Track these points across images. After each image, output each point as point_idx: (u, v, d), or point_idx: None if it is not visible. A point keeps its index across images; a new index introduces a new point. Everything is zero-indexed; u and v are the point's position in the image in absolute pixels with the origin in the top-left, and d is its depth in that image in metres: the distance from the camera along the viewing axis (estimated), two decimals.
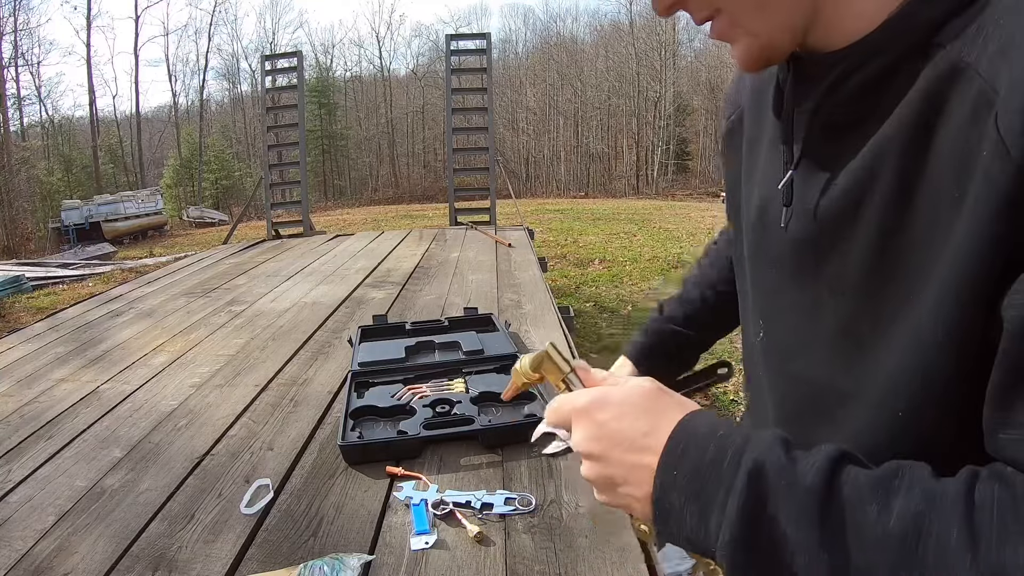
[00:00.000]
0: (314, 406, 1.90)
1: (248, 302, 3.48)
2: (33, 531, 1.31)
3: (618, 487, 0.52)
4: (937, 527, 0.39)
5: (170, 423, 1.84)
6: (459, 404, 1.66)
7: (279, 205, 7.66)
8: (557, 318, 2.68)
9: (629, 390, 0.53)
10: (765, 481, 0.44)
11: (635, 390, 0.53)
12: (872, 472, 0.43)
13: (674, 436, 0.49)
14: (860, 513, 0.41)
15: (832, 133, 0.55)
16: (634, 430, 0.50)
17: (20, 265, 11.81)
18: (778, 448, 0.46)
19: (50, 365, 2.53)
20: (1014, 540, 0.37)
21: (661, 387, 0.54)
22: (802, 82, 0.57)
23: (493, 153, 7.11)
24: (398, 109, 40.48)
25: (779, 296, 0.64)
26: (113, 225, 20.07)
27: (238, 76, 39.99)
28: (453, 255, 4.65)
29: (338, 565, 1.08)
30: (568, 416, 0.55)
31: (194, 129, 36.24)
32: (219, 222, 24.61)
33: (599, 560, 1.09)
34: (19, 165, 22.94)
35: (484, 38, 7.52)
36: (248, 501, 1.35)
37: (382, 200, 33.52)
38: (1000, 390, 0.43)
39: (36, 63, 31.83)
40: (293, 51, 9.26)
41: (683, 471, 0.47)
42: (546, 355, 0.62)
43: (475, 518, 1.22)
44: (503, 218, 6.92)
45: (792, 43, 0.54)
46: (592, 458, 0.53)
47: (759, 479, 0.44)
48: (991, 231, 0.42)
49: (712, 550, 0.46)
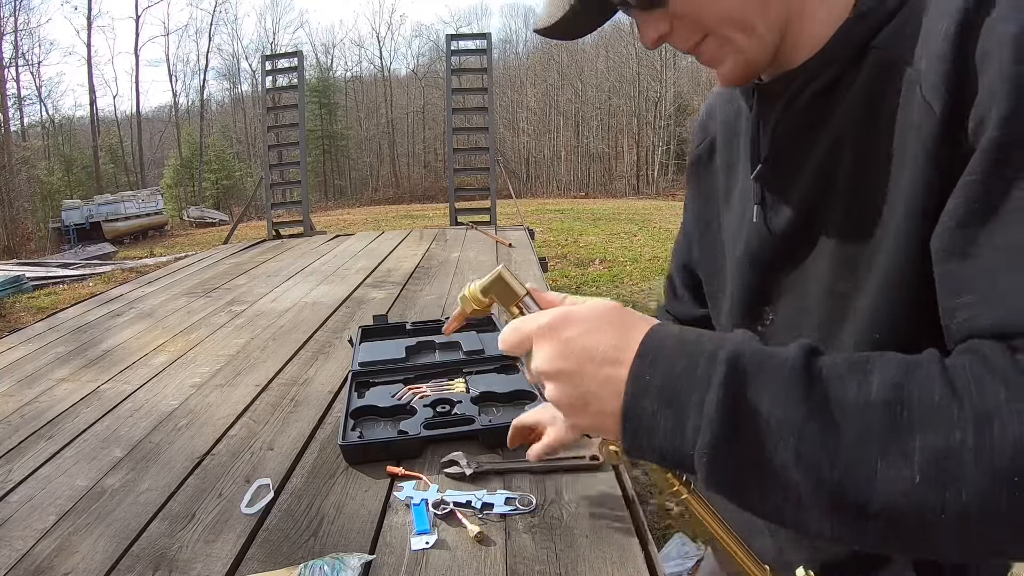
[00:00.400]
0: (314, 406, 1.90)
1: (248, 302, 3.48)
2: (34, 531, 1.31)
3: (589, 406, 0.49)
4: (918, 390, 0.41)
5: (171, 423, 1.84)
6: (459, 404, 1.66)
7: (279, 205, 7.67)
8: None
9: (592, 306, 0.53)
10: (744, 368, 0.44)
11: (599, 306, 0.52)
12: (846, 356, 0.45)
13: (645, 343, 0.48)
14: (842, 389, 0.42)
15: (794, 137, 0.65)
16: (604, 343, 0.49)
17: (20, 265, 11.82)
18: (753, 341, 0.47)
19: (50, 365, 2.53)
20: (994, 387, 0.40)
21: (623, 306, 0.53)
22: (765, 102, 0.67)
23: (493, 153, 7.12)
24: (398, 109, 40.50)
25: (776, 282, 0.71)
26: (113, 225, 20.07)
27: (238, 76, 40.06)
28: (453, 255, 4.65)
29: (338, 565, 1.08)
30: (529, 336, 0.53)
31: (194, 129, 36.27)
32: (219, 222, 24.62)
33: (600, 560, 1.09)
34: (20, 165, 22.95)
35: (485, 38, 7.52)
36: (248, 501, 1.35)
37: (382, 200, 33.54)
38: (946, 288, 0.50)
39: (37, 63, 31.87)
40: (294, 51, 9.26)
41: (656, 375, 0.46)
42: (499, 277, 0.60)
43: (475, 518, 1.22)
44: (503, 218, 6.92)
45: (768, 59, 0.63)
46: (561, 378, 0.50)
47: (737, 368, 0.44)
48: (927, 177, 0.52)
49: (688, 455, 0.45)
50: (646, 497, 2.81)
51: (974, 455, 0.38)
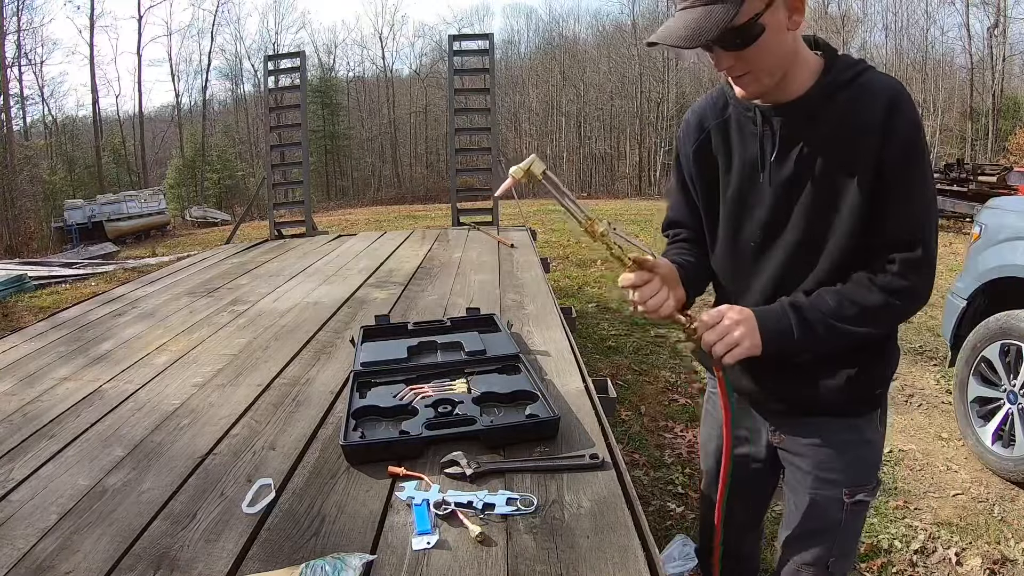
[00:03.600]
0: (316, 406, 1.90)
1: (251, 302, 3.48)
2: (35, 530, 1.31)
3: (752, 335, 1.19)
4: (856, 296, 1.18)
5: (172, 422, 1.84)
6: (461, 404, 1.66)
7: (282, 205, 7.66)
8: (559, 319, 2.68)
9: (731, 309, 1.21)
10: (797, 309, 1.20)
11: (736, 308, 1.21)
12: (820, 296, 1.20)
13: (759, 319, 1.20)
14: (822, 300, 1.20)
15: (789, 141, 1.20)
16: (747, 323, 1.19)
17: (23, 264, 11.83)
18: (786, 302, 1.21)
19: (52, 364, 2.53)
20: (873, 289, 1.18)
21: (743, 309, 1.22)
22: (768, 120, 1.21)
23: (496, 154, 7.11)
24: (401, 109, 40.48)
25: (764, 223, 1.26)
26: (116, 225, 20.05)
27: (241, 76, 39.99)
28: (455, 255, 4.65)
29: (340, 565, 1.08)
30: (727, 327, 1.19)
31: (197, 129, 36.26)
32: (222, 222, 24.61)
33: (601, 561, 1.09)
34: (22, 164, 22.98)
35: (487, 39, 7.51)
36: (250, 500, 1.35)
37: (385, 200, 33.51)
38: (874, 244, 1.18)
39: (40, 63, 31.84)
40: (296, 51, 9.27)
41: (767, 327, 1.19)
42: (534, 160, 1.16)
43: (477, 518, 1.22)
44: (506, 219, 6.91)
45: (770, 91, 1.17)
46: (744, 337, 1.18)
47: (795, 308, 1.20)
48: (869, 173, 1.14)
49: (791, 338, 1.18)
50: (647, 498, 2.81)
51: (868, 313, 1.18)
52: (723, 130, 1.29)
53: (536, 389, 1.71)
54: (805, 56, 1.17)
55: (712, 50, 1.11)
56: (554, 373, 2.02)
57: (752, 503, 1.60)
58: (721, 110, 1.30)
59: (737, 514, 1.53)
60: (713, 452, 1.55)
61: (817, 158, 1.17)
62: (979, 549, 2.48)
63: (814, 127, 1.17)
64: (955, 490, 2.91)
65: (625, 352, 4.83)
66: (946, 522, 2.66)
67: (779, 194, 1.22)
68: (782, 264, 1.25)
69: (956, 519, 2.68)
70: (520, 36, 43.34)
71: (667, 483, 2.96)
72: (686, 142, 1.36)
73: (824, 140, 1.16)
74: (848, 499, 1.34)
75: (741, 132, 1.26)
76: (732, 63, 1.11)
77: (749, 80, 1.14)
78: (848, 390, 1.28)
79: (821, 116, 1.16)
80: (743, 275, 1.32)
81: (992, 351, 2.99)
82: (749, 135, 1.24)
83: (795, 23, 1.11)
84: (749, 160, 1.25)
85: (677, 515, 2.70)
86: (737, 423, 1.43)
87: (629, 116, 36.31)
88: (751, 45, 1.07)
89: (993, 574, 2.36)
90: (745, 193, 1.27)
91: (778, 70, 1.13)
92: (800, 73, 1.16)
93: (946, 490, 2.91)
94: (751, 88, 1.16)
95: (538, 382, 1.76)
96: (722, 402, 1.32)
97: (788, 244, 1.24)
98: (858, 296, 1.17)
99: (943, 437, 3.40)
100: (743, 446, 1.48)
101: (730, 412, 1.32)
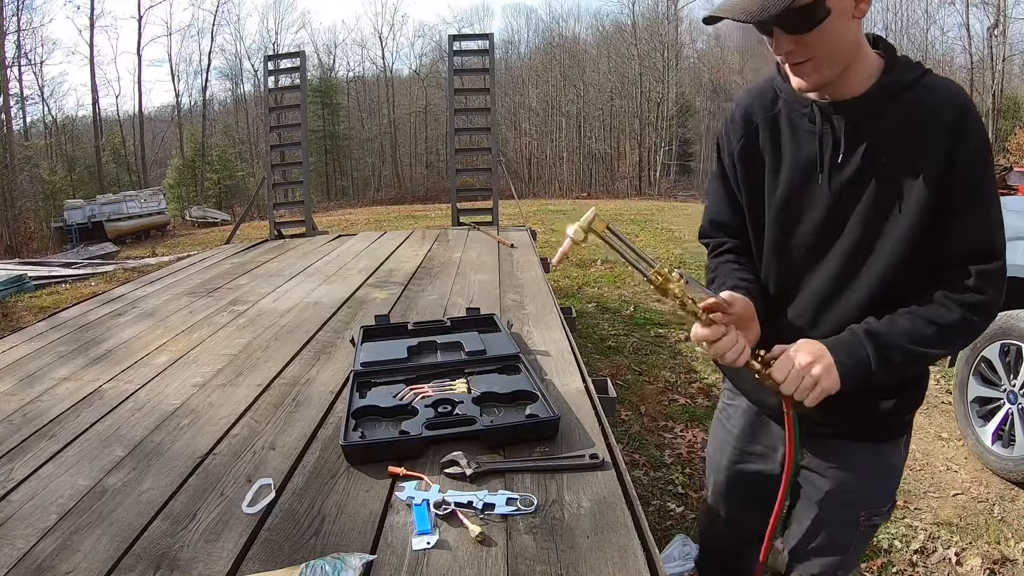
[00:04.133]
0: (316, 406, 1.90)
1: (251, 302, 3.48)
2: (35, 530, 1.31)
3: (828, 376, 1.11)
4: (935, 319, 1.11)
5: (172, 422, 1.84)
6: (461, 404, 1.66)
7: (282, 205, 7.66)
8: (559, 319, 2.68)
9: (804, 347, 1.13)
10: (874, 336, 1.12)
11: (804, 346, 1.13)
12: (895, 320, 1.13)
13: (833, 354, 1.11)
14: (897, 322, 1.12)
15: (852, 138, 1.12)
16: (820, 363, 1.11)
17: (23, 264, 11.82)
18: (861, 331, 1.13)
19: (52, 364, 2.53)
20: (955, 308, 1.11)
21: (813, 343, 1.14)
22: (827, 118, 1.14)
23: (496, 154, 7.11)
24: (401, 109, 40.45)
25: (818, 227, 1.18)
26: (116, 225, 20.03)
27: (241, 76, 39.95)
28: (455, 255, 4.65)
29: (340, 565, 1.08)
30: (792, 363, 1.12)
31: (197, 129, 36.24)
32: (221, 222, 24.61)
33: (601, 561, 1.09)
34: (22, 164, 22.97)
35: (487, 39, 7.50)
36: (250, 500, 1.35)
37: (384, 200, 33.49)
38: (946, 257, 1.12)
39: (39, 63, 31.80)
40: (296, 51, 9.26)
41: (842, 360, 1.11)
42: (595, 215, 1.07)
43: (477, 518, 1.22)
44: (505, 219, 6.91)
45: (831, 83, 1.09)
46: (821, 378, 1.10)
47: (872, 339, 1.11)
48: (934, 181, 1.07)
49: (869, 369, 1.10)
50: (647, 498, 2.81)
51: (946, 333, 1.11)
52: (772, 126, 1.21)
53: (536, 389, 1.71)
54: (866, 52, 1.11)
55: (771, 32, 1.04)
56: (554, 373, 2.02)
57: (759, 519, 1.56)
58: (770, 104, 1.21)
59: (742, 530, 1.51)
60: (726, 467, 1.50)
61: (881, 159, 1.10)
62: (979, 549, 2.48)
63: (878, 127, 1.10)
64: (955, 490, 2.91)
65: (625, 352, 4.83)
66: (946, 522, 2.66)
67: (838, 197, 1.15)
68: (835, 271, 1.18)
69: (956, 519, 2.68)
70: (520, 36, 43.32)
71: (667, 483, 2.96)
72: (731, 138, 1.27)
73: (889, 141, 1.10)
74: (864, 521, 1.31)
75: (793, 129, 1.18)
76: (792, 47, 1.04)
77: (809, 69, 1.06)
78: (880, 415, 1.24)
79: (885, 116, 1.10)
80: (791, 283, 1.25)
81: (992, 351, 2.99)
82: (804, 132, 1.17)
83: (861, 11, 1.05)
84: (804, 160, 1.17)
85: (677, 515, 2.70)
86: (755, 439, 1.41)
87: (629, 116, 36.30)
88: (815, 28, 1.01)
89: (993, 574, 2.36)
90: (797, 195, 1.19)
91: (840, 61, 1.06)
92: (860, 69, 1.09)
93: (946, 490, 2.91)
94: (810, 79, 1.08)
95: (538, 382, 1.76)
96: (787, 441, 1.23)
97: (843, 250, 1.16)
98: (935, 315, 1.10)
99: (943, 437, 3.40)
100: (757, 462, 1.43)
101: (794, 455, 1.24)
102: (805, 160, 1.17)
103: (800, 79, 1.09)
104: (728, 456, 1.48)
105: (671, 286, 1.06)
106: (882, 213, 1.12)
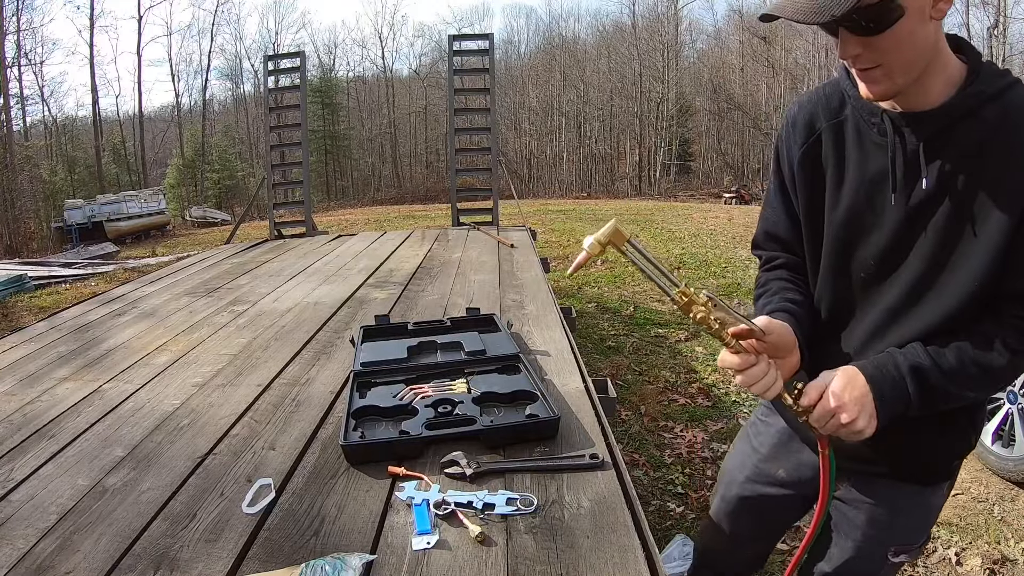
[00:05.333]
0: (316, 406, 1.90)
1: (251, 302, 3.48)
2: (35, 530, 1.31)
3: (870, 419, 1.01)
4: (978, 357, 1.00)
5: (172, 422, 1.84)
6: (461, 404, 1.66)
7: (282, 205, 7.66)
8: (559, 319, 2.68)
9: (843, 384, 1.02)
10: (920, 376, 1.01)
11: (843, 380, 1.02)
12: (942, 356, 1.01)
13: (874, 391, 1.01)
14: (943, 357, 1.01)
15: (927, 155, 0.99)
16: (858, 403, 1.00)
17: (23, 264, 11.82)
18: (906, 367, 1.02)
19: (52, 364, 2.53)
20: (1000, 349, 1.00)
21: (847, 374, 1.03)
22: (899, 130, 1.01)
23: (496, 154, 7.11)
24: (401, 109, 40.50)
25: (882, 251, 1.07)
26: (116, 225, 20.04)
27: (241, 76, 40.02)
28: (455, 255, 4.65)
29: (340, 565, 1.08)
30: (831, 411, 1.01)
31: (197, 129, 36.25)
32: (221, 222, 24.61)
33: (601, 561, 1.09)
34: (22, 164, 22.97)
35: (487, 39, 7.50)
36: (250, 501, 1.35)
37: (384, 200, 33.52)
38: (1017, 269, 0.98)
39: (39, 63, 31.83)
40: (296, 51, 9.26)
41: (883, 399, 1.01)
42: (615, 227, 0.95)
43: (477, 518, 1.22)
44: (505, 219, 6.91)
45: (903, 91, 0.97)
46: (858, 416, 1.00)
47: (916, 375, 1.01)
48: (1018, 207, 0.94)
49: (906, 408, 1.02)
50: (647, 498, 2.81)
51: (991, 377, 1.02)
52: (837, 134, 1.09)
53: (536, 389, 1.71)
54: (946, 57, 0.97)
55: (837, 32, 0.93)
56: (554, 373, 2.02)
57: (766, 540, 1.53)
58: (836, 110, 1.09)
59: (747, 549, 1.48)
60: (741, 482, 1.43)
61: (957, 182, 0.98)
62: (979, 549, 2.48)
63: (957, 144, 0.97)
64: (955, 490, 2.91)
65: (625, 352, 4.83)
66: (946, 522, 2.66)
67: (906, 220, 1.02)
68: (894, 304, 1.07)
69: (956, 519, 2.68)
70: (520, 36, 43.39)
71: (667, 483, 2.96)
72: (792, 143, 1.15)
73: (968, 161, 0.97)
74: (893, 558, 1.25)
75: (860, 140, 1.06)
76: (860, 51, 0.92)
77: (879, 76, 0.94)
78: (926, 460, 1.16)
79: (965, 132, 0.97)
80: (845, 308, 1.15)
81: None
82: (872, 145, 1.05)
83: (940, 11, 0.92)
84: (871, 175, 1.05)
85: (677, 515, 2.70)
86: (779, 463, 1.34)
87: (629, 116, 36.32)
88: (886, 30, 0.89)
89: (993, 574, 2.36)
90: (861, 214, 1.07)
91: (915, 67, 0.93)
92: (939, 77, 0.97)
93: None
94: (880, 86, 0.95)
95: (538, 382, 1.76)
96: (822, 478, 1.12)
97: (906, 279, 1.05)
98: (983, 358, 0.99)
99: None
100: (775, 487, 1.37)
101: (828, 494, 1.13)
102: (873, 176, 1.05)
103: (868, 86, 0.97)
104: (747, 473, 1.41)
105: (696, 309, 0.97)
106: (954, 243, 1.00)
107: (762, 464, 1.38)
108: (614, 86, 36.50)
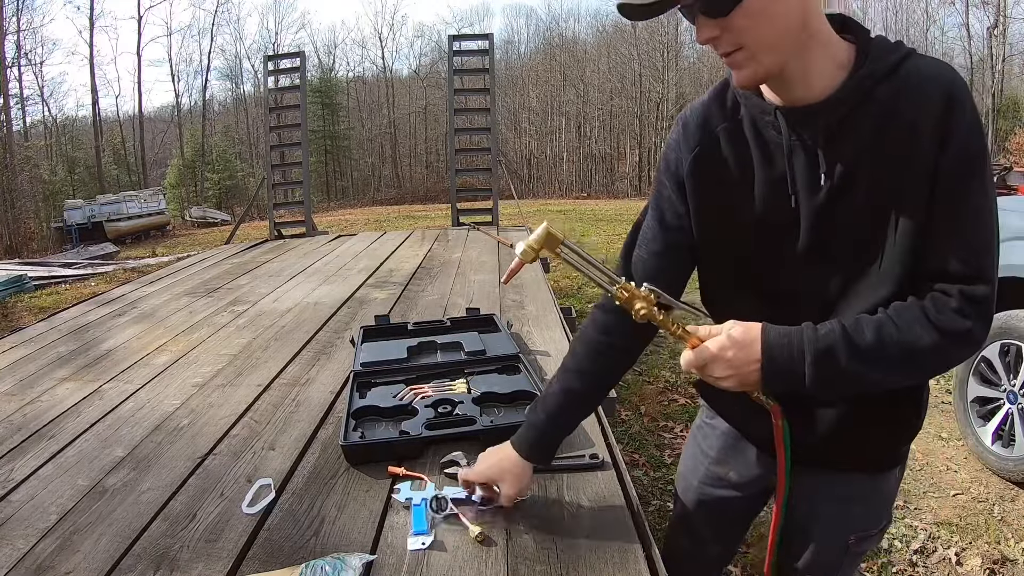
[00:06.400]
0: (316, 406, 1.90)
1: (250, 302, 3.48)
2: (35, 530, 1.31)
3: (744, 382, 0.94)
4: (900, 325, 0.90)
5: (172, 423, 1.84)
6: (461, 405, 1.66)
7: (281, 205, 7.67)
8: (559, 319, 2.68)
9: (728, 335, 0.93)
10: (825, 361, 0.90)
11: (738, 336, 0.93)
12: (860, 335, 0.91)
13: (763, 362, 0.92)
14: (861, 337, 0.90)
15: (824, 151, 0.93)
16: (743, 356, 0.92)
17: (23, 264, 11.82)
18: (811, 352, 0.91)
19: (52, 365, 2.53)
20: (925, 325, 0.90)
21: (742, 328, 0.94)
22: (793, 127, 0.93)
23: (496, 154, 7.12)
24: (401, 109, 40.46)
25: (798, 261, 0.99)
26: (116, 225, 20.03)
27: (241, 76, 39.96)
28: (455, 255, 4.65)
29: (340, 565, 1.08)
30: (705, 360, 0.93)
31: (197, 129, 36.24)
32: (221, 222, 24.60)
33: (601, 561, 1.09)
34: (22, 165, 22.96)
35: (486, 39, 7.52)
36: (250, 501, 1.35)
37: (384, 200, 33.51)
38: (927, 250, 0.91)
39: (39, 63, 31.80)
40: (296, 51, 9.27)
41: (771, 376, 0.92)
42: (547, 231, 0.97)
43: (476, 516, 1.22)
44: (505, 219, 6.92)
45: (769, 78, 0.91)
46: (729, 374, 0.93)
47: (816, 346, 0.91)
48: (921, 186, 0.88)
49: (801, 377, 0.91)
50: (647, 498, 2.81)
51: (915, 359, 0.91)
52: (735, 135, 1.01)
53: (536, 389, 1.71)
54: (828, 38, 0.90)
55: (694, 18, 0.86)
56: (554, 373, 2.01)
57: (724, 549, 1.48)
58: (731, 110, 1.01)
59: (706, 555, 1.44)
60: (696, 487, 1.37)
61: (861, 172, 0.91)
62: (979, 549, 2.48)
63: (856, 132, 0.91)
64: (955, 490, 2.91)
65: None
66: (946, 522, 2.66)
67: (815, 219, 0.95)
68: (820, 305, 0.99)
69: (956, 519, 2.68)
70: (520, 36, 43.34)
71: (667, 483, 2.96)
72: (682, 147, 1.05)
73: (869, 149, 0.90)
74: (853, 545, 1.21)
75: (759, 140, 0.98)
76: (716, 33, 0.86)
77: (743, 59, 0.87)
78: (874, 449, 1.11)
79: (861, 119, 0.90)
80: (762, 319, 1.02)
81: (992, 351, 2.99)
82: (773, 145, 0.97)
83: None
84: (776, 178, 0.97)
85: None
86: (728, 465, 1.30)
87: (629, 116, 36.30)
88: (735, 7, 0.83)
89: (993, 574, 2.36)
90: (767, 223, 0.99)
91: (780, 45, 0.86)
92: (824, 62, 0.90)
93: (946, 490, 2.91)
94: (746, 70, 0.88)
95: (538, 382, 1.76)
96: (778, 451, 1.08)
97: (831, 288, 0.98)
98: (906, 336, 0.90)
99: (943, 437, 3.40)
100: (727, 489, 1.32)
101: (786, 466, 1.10)
102: (775, 177, 0.97)
103: (735, 73, 0.91)
104: (699, 477, 1.37)
105: (638, 304, 0.94)
106: (870, 240, 0.93)
107: (713, 467, 1.33)
108: (614, 86, 36.49)
